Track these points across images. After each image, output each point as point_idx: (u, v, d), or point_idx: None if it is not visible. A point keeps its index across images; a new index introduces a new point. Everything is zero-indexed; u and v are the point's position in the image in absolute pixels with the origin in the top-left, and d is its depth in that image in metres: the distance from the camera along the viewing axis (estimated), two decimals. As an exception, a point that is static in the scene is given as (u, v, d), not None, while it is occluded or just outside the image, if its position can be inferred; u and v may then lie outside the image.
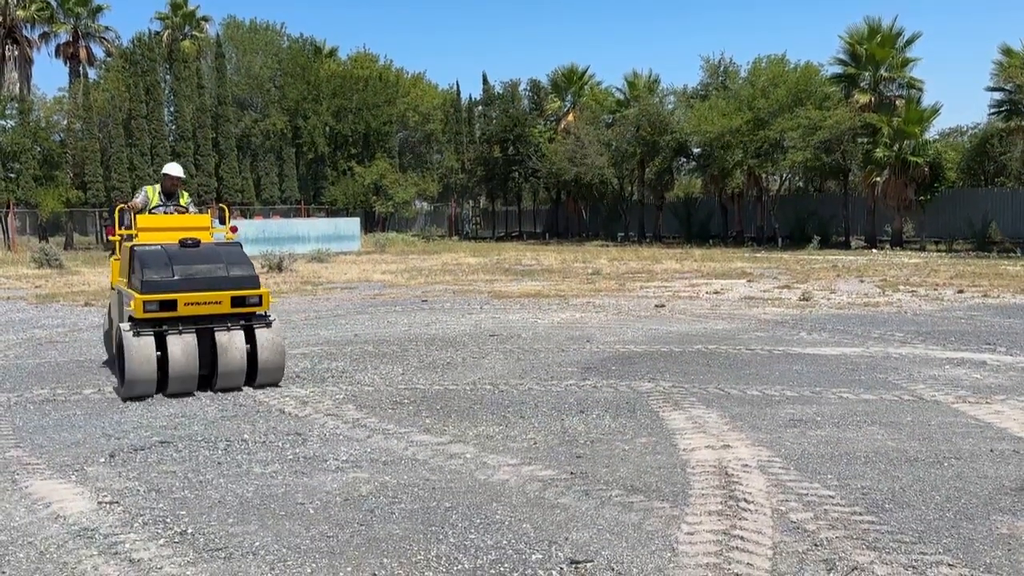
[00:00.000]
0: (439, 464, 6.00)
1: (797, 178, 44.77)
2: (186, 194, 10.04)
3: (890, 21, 35.84)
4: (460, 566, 4.28)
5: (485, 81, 56.49)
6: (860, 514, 4.93)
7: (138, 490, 5.53)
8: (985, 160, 37.58)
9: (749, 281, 20.55)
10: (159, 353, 7.81)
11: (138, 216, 9.05)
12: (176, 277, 7.89)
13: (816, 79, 37.49)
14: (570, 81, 51.90)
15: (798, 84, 36.81)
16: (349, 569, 4.25)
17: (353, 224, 38.55)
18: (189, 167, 44.25)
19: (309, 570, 4.25)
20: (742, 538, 4.57)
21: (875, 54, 35.59)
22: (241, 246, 9.03)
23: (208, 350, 8.07)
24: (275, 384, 8.44)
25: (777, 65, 39.38)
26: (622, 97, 48.46)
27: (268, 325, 8.28)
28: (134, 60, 45.39)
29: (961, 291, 17.46)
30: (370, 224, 51.09)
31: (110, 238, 9.08)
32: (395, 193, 50.63)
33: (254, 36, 57.28)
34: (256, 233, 35.16)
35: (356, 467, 5.91)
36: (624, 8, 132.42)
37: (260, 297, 8.25)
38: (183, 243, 8.35)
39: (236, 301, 8.09)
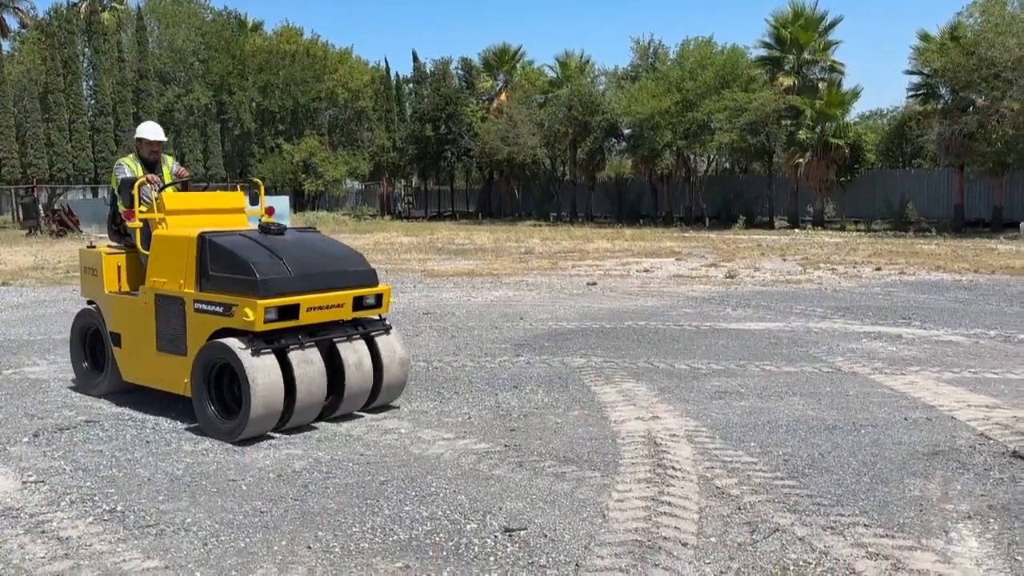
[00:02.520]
0: (373, 440, 6.02)
1: (724, 159, 45.55)
2: (170, 158, 7.96)
3: (813, 4, 36.69)
4: (395, 537, 4.32)
5: (415, 59, 56.44)
6: (781, 479, 5.10)
7: (64, 469, 5.43)
8: (903, 142, 38.68)
9: (677, 260, 20.88)
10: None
11: (164, 194, 6.98)
12: (292, 275, 6.00)
13: (742, 62, 38.15)
14: (502, 60, 51.78)
15: (725, 67, 37.43)
16: (284, 543, 4.25)
17: (282, 203, 37.80)
18: (109, 143, 42.95)
19: (243, 544, 4.24)
20: (670, 504, 4.70)
21: (799, 37, 36.33)
22: (320, 232, 7.34)
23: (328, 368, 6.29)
24: (391, 406, 6.86)
25: (705, 47, 39.89)
26: (554, 77, 48.49)
27: (387, 331, 6.69)
28: (51, 32, 43.79)
29: (879, 269, 18.03)
30: (299, 203, 50.36)
31: (130, 224, 6.85)
32: (325, 171, 49.98)
33: (177, 9, 55.61)
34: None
35: (289, 444, 5.89)
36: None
37: (379, 297, 6.62)
38: (266, 229, 6.46)
39: (357, 303, 6.41)
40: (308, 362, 5.97)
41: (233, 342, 5.81)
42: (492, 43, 63.00)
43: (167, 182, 7.37)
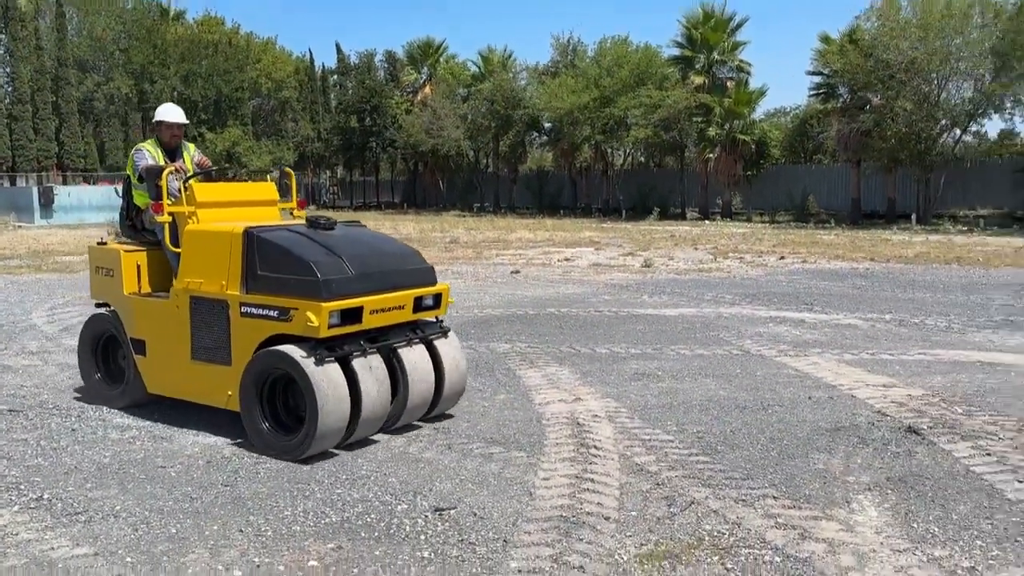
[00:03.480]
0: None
1: (639, 154, 46.06)
2: (192, 145, 6.93)
3: (722, 6, 37.41)
4: (328, 519, 4.27)
5: (339, 51, 55.56)
6: (696, 455, 5.21)
7: (-12, 459, 5.23)
8: (805, 139, 39.72)
9: (596, 249, 21.07)
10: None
11: (195, 185, 5.98)
12: (353, 274, 5.25)
13: (656, 60, 38.66)
14: (426, 54, 51.38)
15: (640, 65, 37.87)
16: (215, 527, 4.17)
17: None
18: (27, 132, 41.17)
19: (174, 530, 4.14)
20: (592, 480, 4.76)
21: (709, 38, 37.02)
22: (365, 226, 6.43)
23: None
24: (447, 415, 6.14)
25: (621, 46, 40.26)
26: (477, 71, 48.35)
27: (446, 334, 5.97)
28: (-36, 18, 41.82)
29: (783, 257, 18.50)
30: (224, 193, 49.09)
31: (159, 218, 5.85)
32: (249, 161, 48.85)
33: (97, -4, 53.66)
34: (102, 200, 33.32)
35: (217, 431, 5.76)
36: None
37: (438, 297, 5.86)
38: (315, 223, 5.68)
39: (416, 304, 5.69)
40: (372, 370, 5.26)
41: (293, 350, 5.06)
42: (416, 36, 62.55)
43: (190, 171, 6.40)
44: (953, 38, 29.28)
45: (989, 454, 5.19)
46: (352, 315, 5.16)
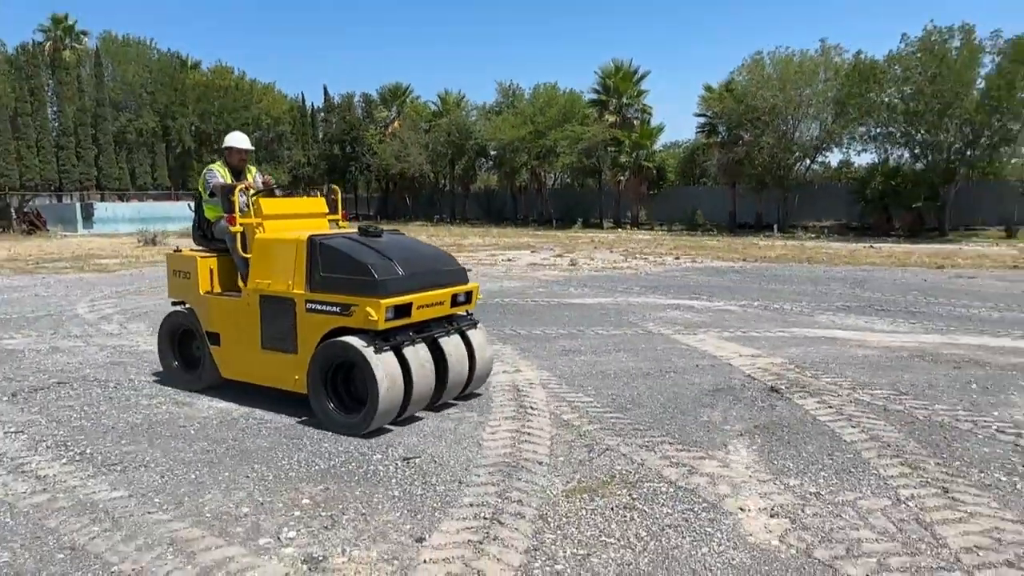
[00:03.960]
0: (300, 398, 5.83)
1: (566, 176, 46.15)
2: (253, 168, 6.52)
3: (628, 61, 37.75)
4: (317, 467, 4.22)
5: (326, 92, 54.25)
6: (611, 412, 5.27)
7: (39, 422, 5.05)
8: (694, 165, 40.00)
9: (532, 252, 21.09)
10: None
11: (261, 200, 5.68)
12: (403, 275, 5.01)
13: (579, 103, 38.71)
14: (395, 95, 50.67)
15: (566, 106, 37.91)
16: (227, 474, 4.10)
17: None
18: (71, 158, 39.73)
19: (193, 476, 4.06)
20: (529, 434, 4.78)
21: (619, 86, 37.28)
22: (404, 234, 5.96)
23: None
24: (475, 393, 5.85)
25: (551, 91, 40.23)
26: (437, 109, 47.92)
27: (475, 325, 5.70)
28: (19, 66, 40.00)
29: (678, 258, 18.74)
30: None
31: (232, 228, 5.56)
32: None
33: (128, 49, 51.73)
34: (132, 214, 32.54)
35: (228, 397, 5.65)
36: (440, 37, 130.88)
37: (469, 294, 5.61)
38: (366, 231, 5.37)
39: (453, 300, 5.45)
40: (419, 357, 5.00)
41: (356, 341, 4.78)
42: (388, 81, 61.70)
43: (256, 189, 6.02)
44: (804, 89, 29.95)
45: (831, 407, 5.34)
46: (403, 310, 4.91)
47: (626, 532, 3.44)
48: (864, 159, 31.81)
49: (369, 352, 4.72)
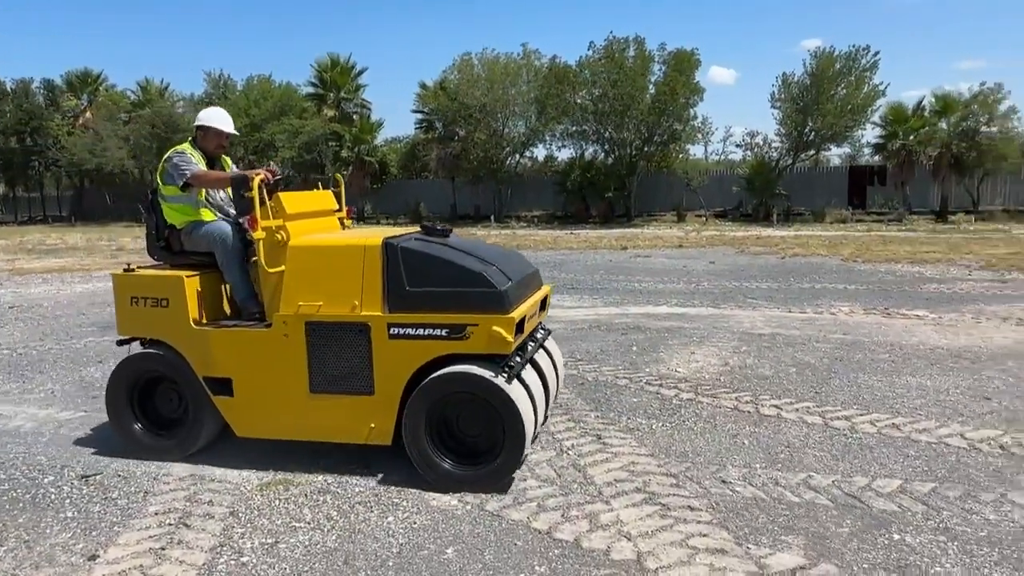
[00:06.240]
0: None
1: (288, 171, 44.36)
2: (228, 160, 4.95)
3: (346, 56, 37.46)
4: (-30, 502, 3.71)
5: (-7, 76, 45.91)
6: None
7: None
8: (415, 160, 40.91)
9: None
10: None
11: (281, 196, 4.18)
12: (513, 282, 3.88)
13: (296, 96, 37.52)
14: (85, 83, 44.56)
15: (282, 99, 36.53)
16: None
17: None
18: None
19: None
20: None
21: (337, 80, 36.84)
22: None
23: None
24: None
25: (265, 83, 38.46)
26: (137, 99, 43.11)
27: (550, 334, 4.75)
28: None
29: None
30: None
31: (255, 234, 3.97)
32: None
33: None
34: None
35: None
36: (137, 22, 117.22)
37: (545, 299, 4.55)
38: (432, 231, 4.26)
39: (540, 307, 4.41)
40: (533, 381, 4.01)
41: (481, 371, 3.67)
42: (75, 67, 53.93)
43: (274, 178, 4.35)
44: (510, 89, 32.21)
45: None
46: (521, 325, 3.82)
47: (317, 515, 3.56)
48: (565, 154, 34.97)
49: (501, 382, 3.65)
